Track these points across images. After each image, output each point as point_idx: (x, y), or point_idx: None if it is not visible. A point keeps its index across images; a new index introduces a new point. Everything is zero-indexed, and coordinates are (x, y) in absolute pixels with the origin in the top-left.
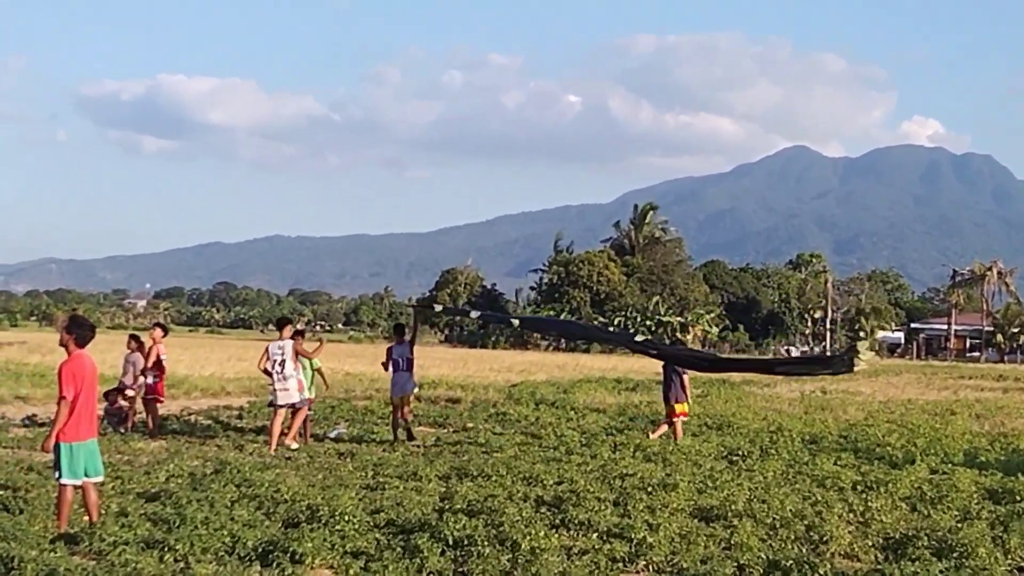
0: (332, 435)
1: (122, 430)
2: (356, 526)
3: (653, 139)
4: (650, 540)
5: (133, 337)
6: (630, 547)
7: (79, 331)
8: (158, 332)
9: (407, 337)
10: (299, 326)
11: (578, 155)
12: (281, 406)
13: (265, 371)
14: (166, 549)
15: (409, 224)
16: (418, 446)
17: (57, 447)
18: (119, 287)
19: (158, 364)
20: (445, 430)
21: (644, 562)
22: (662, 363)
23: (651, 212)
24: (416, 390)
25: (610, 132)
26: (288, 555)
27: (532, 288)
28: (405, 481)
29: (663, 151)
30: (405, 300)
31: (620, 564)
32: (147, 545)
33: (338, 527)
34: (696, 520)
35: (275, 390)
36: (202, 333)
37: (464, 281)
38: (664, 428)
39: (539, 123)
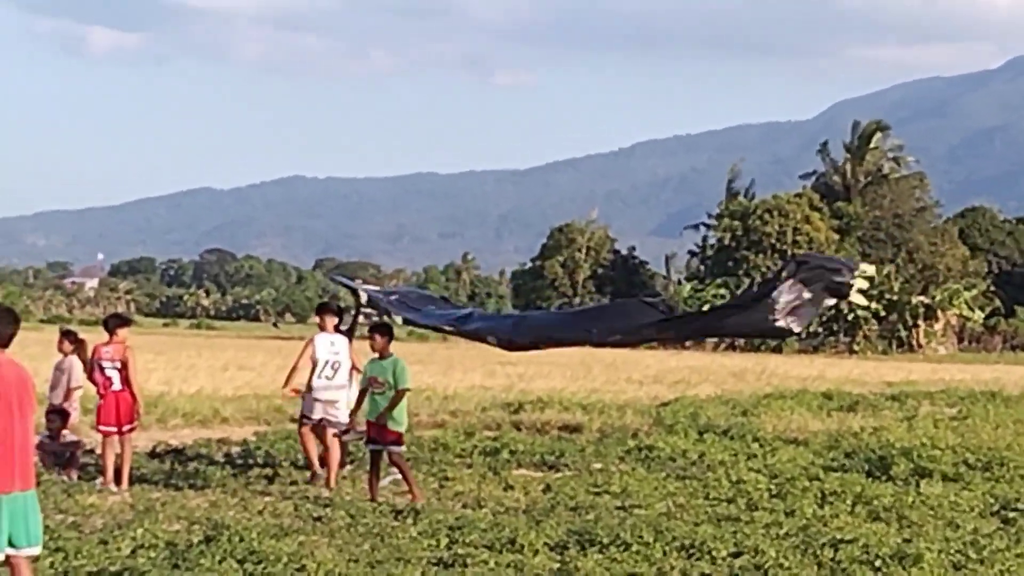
0: (386, 481)
1: (66, 477)
2: None
3: (880, 21)
4: None
5: (67, 334)
6: None
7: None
8: (123, 331)
9: (344, 324)
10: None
11: (763, 48)
12: (316, 420)
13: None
14: None
15: (500, 158)
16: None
17: None
18: (57, 258)
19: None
20: (559, 473)
21: None
22: None
23: (878, 135)
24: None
25: (812, 12)
26: None
27: (692, 253)
28: (498, 553)
29: (897, 38)
30: (496, 274)
31: None
32: None
33: None
34: None
35: (314, 400)
36: (184, 328)
37: (586, 243)
38: None
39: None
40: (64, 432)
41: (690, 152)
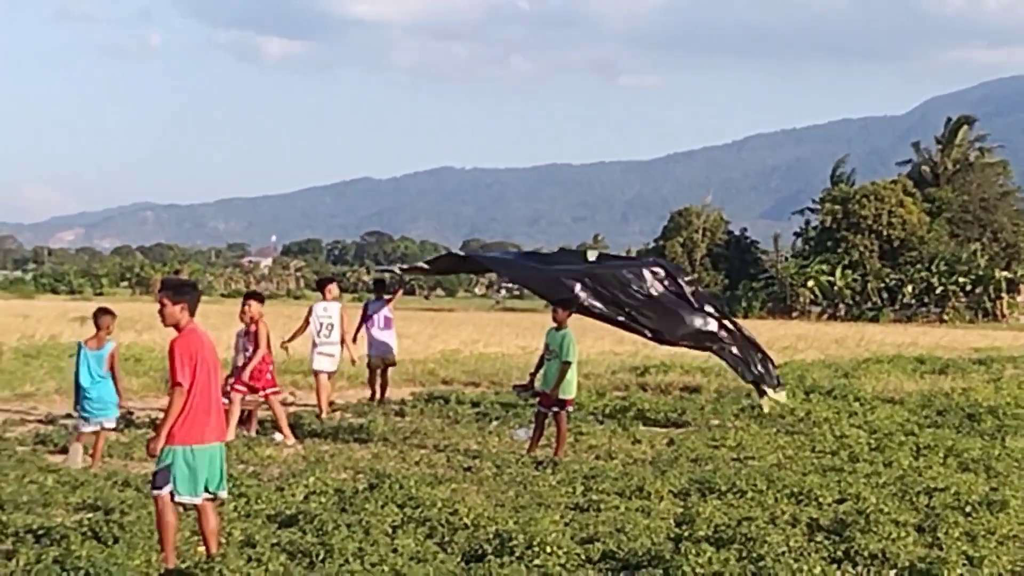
0: (519, 434)
1: (245, 432)
2: (562, 560)
3: (968, 25)
4: None
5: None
6: None
7: (189, 295)
8: (255, 306)
9: (388, 295)
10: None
11: (860, 51)
12: (318, 371)
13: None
14: None
15: (626, 150)
16: (399, 412)
17: (166, 453)
18: (236, 240)
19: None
20: (681, 429)
21: None
22: None
23: (965, 128)
24: (393, 355)
25: (905, 18)
26: None
27: (796, 234)
28: (628, 499)
29: (984, 41)
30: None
31: None
32: None
33: (538, 561)
34: None
35: (318, 354)
36: (347, 300)
37: (702, 226)
38: None
39: (806, 7)
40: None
41: (796, 144)
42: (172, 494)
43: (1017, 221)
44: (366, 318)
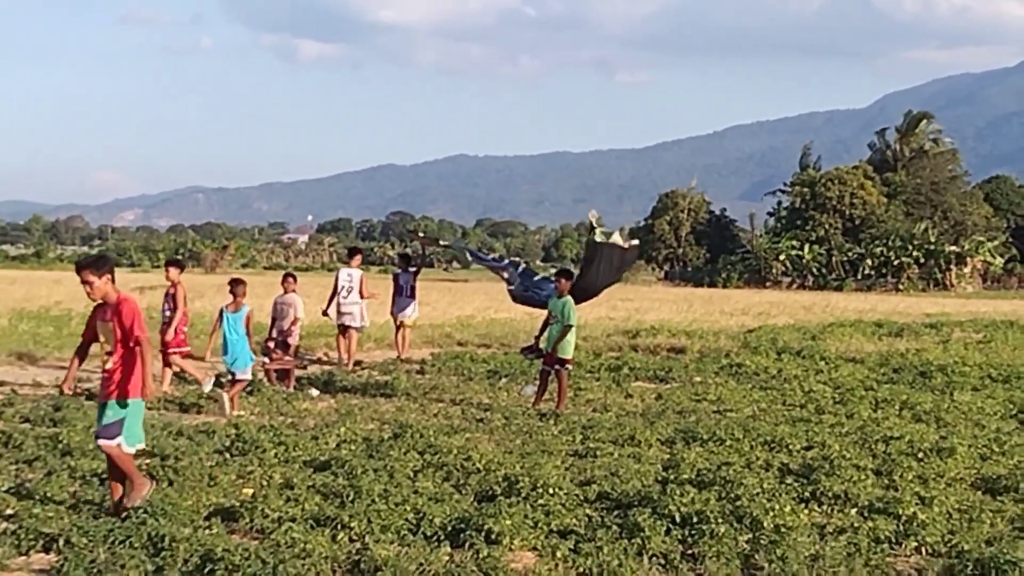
0: (526, 390)
1: (284, 388)
2: (563, 500)
3: (921, 28)
4: (922, 517)
5: (290, 276)
6: (897, 525)
7: (107, 266)
8: (173, 272)
9: (412, 267)
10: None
11: (827, 50)
12: (343, 327)
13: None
14: (339, 527)
15: (620, 139)
16: (420, 370)
17: (127, 404)
18: (276, 219)
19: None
20: (668, 385)
21: (915, 543)
22: None
23: (924, 121)
24: (413, 316)
25: (868, 21)
26: (483, 534)
27: (770, 214)
28: (621, 447)
29: (937, 42)
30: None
31: (885, 545)
32: (317, 522)
33: (541, 501)
34: (979, 493)
35: (339, 312)
36: (374, 272)
37: (687, 206)
38: None
39: (780, 11)
40: (285, 355)
41: (769, 134)
42: (119, 445)
43: (964, 202)
44: (396, 286)
